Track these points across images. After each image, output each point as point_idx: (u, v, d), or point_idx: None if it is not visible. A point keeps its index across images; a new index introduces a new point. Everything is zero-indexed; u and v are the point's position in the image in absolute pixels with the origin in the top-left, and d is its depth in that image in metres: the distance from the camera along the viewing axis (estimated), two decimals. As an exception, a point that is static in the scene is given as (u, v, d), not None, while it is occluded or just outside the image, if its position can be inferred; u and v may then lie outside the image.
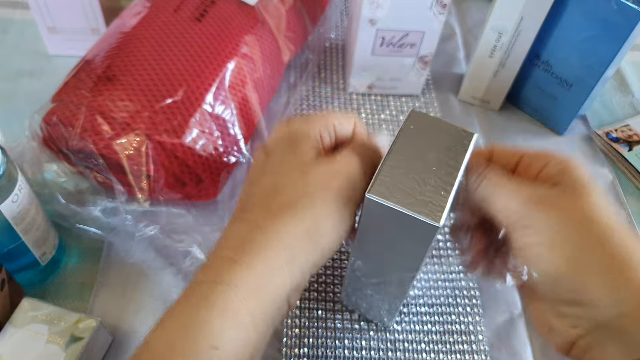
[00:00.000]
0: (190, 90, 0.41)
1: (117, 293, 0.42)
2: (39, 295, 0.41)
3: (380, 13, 0.50)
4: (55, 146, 0.42)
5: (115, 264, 0.43)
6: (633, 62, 0.64)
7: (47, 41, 0.57)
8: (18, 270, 0.39)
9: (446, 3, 0.49)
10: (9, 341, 0.35)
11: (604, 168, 0.54)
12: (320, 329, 0.41)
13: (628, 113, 0.59)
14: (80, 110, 0.40)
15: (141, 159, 0.40)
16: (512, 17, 0.49)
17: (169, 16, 0.45)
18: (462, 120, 0.57)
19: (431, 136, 0.31)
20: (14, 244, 0.37)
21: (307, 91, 0.57)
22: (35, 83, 0.56)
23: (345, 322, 0.41)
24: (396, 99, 0.58)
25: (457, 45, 0.65)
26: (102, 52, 0.43)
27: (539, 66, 0.54)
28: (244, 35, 0.46)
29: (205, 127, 0.42)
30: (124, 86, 0.40)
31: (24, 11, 0.63)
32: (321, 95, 0.57)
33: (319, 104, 0.57)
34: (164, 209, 0.41)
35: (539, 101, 0.56)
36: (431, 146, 0.30)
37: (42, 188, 0.42)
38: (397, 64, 0.55)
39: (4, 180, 0.34)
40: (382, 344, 0.41)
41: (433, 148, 0.30)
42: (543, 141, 0.56)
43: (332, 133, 0.33)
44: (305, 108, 0.56)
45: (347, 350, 0.40)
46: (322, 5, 0.59)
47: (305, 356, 0.40)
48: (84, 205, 0.41)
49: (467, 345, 0.41)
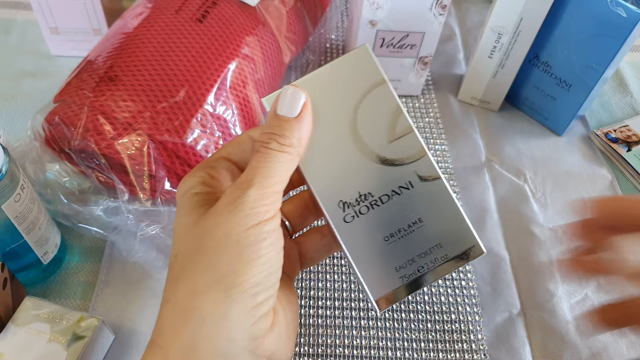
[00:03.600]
0: (191, 91, 0.42)
1: (118, 292, 0.42)
2: (41, 294, 0.41)
3: (381, 14, 0.50)
4: (57, 146, 0.42)
5: (117, 263, 0.44)
6: (632, 63, 0.64)
7: (50, 42, 0.58)
8: (20, 269, 0.40)
9: (446, 4, 0.49)
10: (12, 340, 0.35)
11: (602, 168, 0.54)
12: (320, 327, 0.41)
13: (627, 113, 0.59)
14: (82, 110, 0.40)
15: (143, 159, 0.40)
16: (512, 18, 0.50)
17: (170, 17, 0.45)
18: (462, 121, 0.57)
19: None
20: (16, 243, 0.38)
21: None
22: (37, 83, 0.56)
23: (345, 320, 0.42)
24: (396, 99, 0.58)
25: (457, 46, 0.65)
26: (104, 52, 0.44)
27: (538, 67, 0.54)
28: (245, 36, 0.47)
29: (206, 127, 0.42)
30: (126, 86, 0.41)
31: (26, 12, 0.63)
32: (322, 96, 0.58)
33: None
34: (166, 209, 0.41)
35: (538, 101, 0.56)
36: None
37: (44, 187, 0.42)
38: (397, 64, 0.55)
39: (7, 180, 0.35)
40: (382, 342, 0.41)
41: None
42: (542, 141, 0.56)
43: (228, 166, 0.29)
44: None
45: (347, 349, 0.40)
46: (322, 6, 0.59)
47: (305, 355, 0.40)
48: (86, 205, 0.42)
49: (466, 344, 0.41)
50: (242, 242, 0.25)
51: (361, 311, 0.42)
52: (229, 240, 0.25)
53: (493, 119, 0.58)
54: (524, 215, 0.49)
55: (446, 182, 0.29)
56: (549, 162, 0.54)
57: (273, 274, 0.26)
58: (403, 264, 0.29)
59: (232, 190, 0.26)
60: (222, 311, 0.25)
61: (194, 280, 0.26)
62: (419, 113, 0.57)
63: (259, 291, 0.26)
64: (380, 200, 0.29)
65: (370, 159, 0.29)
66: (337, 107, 0.29)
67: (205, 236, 0.26)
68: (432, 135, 0.55)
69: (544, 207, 0.50)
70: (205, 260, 0.26)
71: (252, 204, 0.25)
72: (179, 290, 0.26)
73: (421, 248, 0.29)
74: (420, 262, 0.29)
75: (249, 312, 0.26)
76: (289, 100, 0.27)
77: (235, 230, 0.25)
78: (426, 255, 0.29)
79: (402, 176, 0.29)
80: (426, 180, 0.29)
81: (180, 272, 0.26)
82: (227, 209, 0.26)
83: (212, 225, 0.26)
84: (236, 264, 0.25)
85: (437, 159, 0.53)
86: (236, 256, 0.25)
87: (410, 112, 0.57)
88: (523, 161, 0.54)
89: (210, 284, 0.25)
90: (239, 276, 0.25)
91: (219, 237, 0.26)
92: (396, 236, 0.29)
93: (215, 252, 0.26)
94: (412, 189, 0.29)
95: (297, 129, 0.27)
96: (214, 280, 0.25)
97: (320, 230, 0.33)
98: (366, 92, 0.29)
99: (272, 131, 0.27)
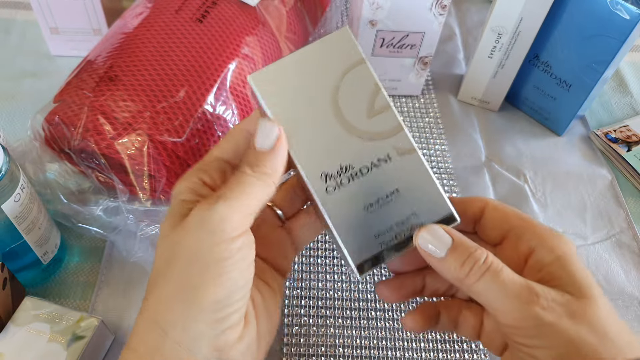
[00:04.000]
0: (191, 91, 0.42)
1: (118, 292, 0.42)
2: (40, 294, 0.41)
3: (381, 14, 0.50)
4: (57, 146, 0.42)
5: (116, 263, 0.44)
6: (632, 63, 0.64)
7: (49, 42, 0.58)
8: (20, 269, 0.40)
9: (446, 4, 0.49)
10: (11, 340, 0.35)
11: (602, 168, 0.54)
12: (320, 327, 0.41)
13: (627, 114, 0.59)
14: (82, 110, 0.40)
15: (143, 159, 0.40)
16: (512, 18, 0.50)
17: (170, 17, 0.45)
18: (461, 121, 0.57)
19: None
20: (16, 243, 0.38)
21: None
22: (37, 83, 0.56)
23: (345, 320, 0.42)
24: (396, 99, 0.58)
25: (457, 46, 0.65)
26: (104, 52, 0.44)
27: (538, 67, 0.54)
28: (245, 36, 0.47)
29: (206, 127, 0.42)
30: (126, 86, 0.41)
31: (26, 12, 0.63)
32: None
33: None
34: (166, 209, 0.41)
35: (538, 101, 0.56)
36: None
37: (44, 187, 0.42)
38: (397, 64, 0.55)
39: (6, 180, 0.35)
40: (382, 342, 0.41)
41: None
42: (542, 141, 0.56)
43: (222, 166, 0.30)
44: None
45: (347, 349, 0.40)
46: (322, 6, 0.59)
47: (305, 354, 0.40)
48: (86, 205, 0.42)
49: (466, 344, 0.41)
50: (206, 257, 0.26)
51: (361, 311, 0.42)
52: (195, 254, 0.27)
53: (493, 119, 0.58)
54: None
55: (422, 156, 0.31)
56: (549, 162, 0.54)
57: (237, 291, 0.27)
58: (382, 231, 0.31)
59: (203, 204, 0.27)
60: (182, 323, 0.26)
61: (160, 292, 0.27)
62: (418, 113, 0.57)
63: (220, 307, 0.27)
64: (361, 172, 0.31)
65: (351, 133, 0.31)
66: (320, 85, 0.31)
67: (175, 247, 0.27)
68: (432, 135, 0.55)
69: (543, 207, 0.50)
70: (171, 272, 0.27)
71: (218, 220, 0.26)
72: (149, 299, 0.28)
73: (398, 216, 0.31)
74: (396, 229, 0.31)
75: (210, 325, 0.27)
76: (265, 134, 0.29)
77: (200, 245, 0.26)
78: (403, 223, 0.31)
79: (381, 150, 0.31)
80: (403, 153, 0.31)
81: (153, 281, 0.28)
82: (195, 223, 0.27)
83: (181, 238, 0.27)
84: (198, 279, 0.26)
85: (437, 159, 0.53)
86: (199, 272, 0.26)
87: (410, 112, 0.57)
88: (523, 161, 0.54)
89: (173, 296, 0.27)
90: (199, 291, 0.26)
91: (186, 250, 0.27)
92: (375, 205, 0.31)
93: (181, 265, 0.27)
94: (390, 162, 0.31)
95: (270, 159, 0.28)
96: (176, 293, 0.27)
97: (307, 211, 0.35)
98: (347, 71, 0.31)
99: (248, 160, 0.28)
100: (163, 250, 0.28)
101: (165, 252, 0.28)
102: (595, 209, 0.50)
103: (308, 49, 0.31)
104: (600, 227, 0.49)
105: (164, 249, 0.28)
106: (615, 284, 0.45)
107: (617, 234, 0.49)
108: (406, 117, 0.57)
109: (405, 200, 0.31)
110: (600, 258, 0.47)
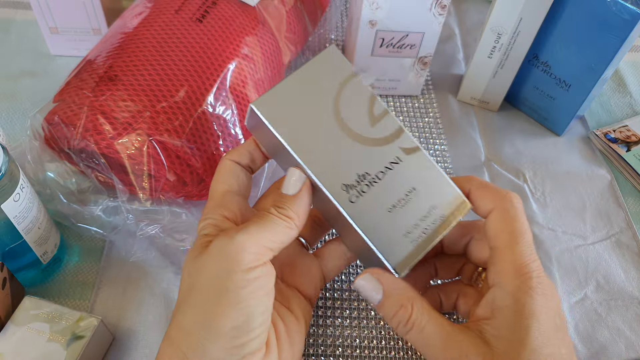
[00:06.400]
0: (191, 91, 0.42)
1: (118, 292, 0.42)
2: (40, 293, 0.41)
3: (380, 14, 0.50)
4: (57, 146, 0.42)
5: (116, 262, 0.44)
6: (632, 63, 0.65)
7: (49, 41, 0.58)
8: (19, 269, 0.40)
9: (446, 4, 0.50)
10: (11, 339, 0.35)
11: (602, 169, 0.54)
12: (320, 327, 0.41)
13: (626, 114, 0.59)
14: (82, 110, 0.40)
15: (142, 159, 0.40)
16: (511, 18, 0.50)
17: (170, 17, 0.45)
18: (461, 121, 0.57)
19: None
20: (15, 242, 0.38)
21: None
22: (37, 83, 0.56)
23: (345, 320, 0.42)
24: (396, 99, 0.58)
25: (457, 46, 0.65)
26: (103, 52, 0.44)
27: (537, 67, 0.54)
28: (244, 36, 0.47)
29: (206, 127, 0.42)
30: (126, 86, 0.41)
31: (25, 11, 0.63)
32: (321, 96, 0.58)
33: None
34: (165, 208, 0.41)
35: (538, 102, 0.56)
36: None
37: (43, 187, 0.42)
38: (396, 64, 0.55)
39: (6, 180, 0.35)
40: (382, 342, 0.41)
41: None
42: (542, 141, 0.56)
43: (238, 201, 0.32)
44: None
45: (347, 349, 0.40)
46: (322, 6, 0.59)
47: (305, 354, 0.40)
48: (86, 205, 0.42)
49: (466, 344, 0.41)
50: (223, 286, 0.28)
51: (361, 311, 0.42)
52: (213, 282, 0.28)
53: (492, 119, 0.58)
54: (524, 215, 0.49)
55: (425, 152, 0.33)
56: (549, 162, 0.54)
57: (256, 317, 0.28)
58: (409, 229, 0.32)
59: (224, 235, 0.29)
60: (201, 348, 0.27)
61: (183, 317, 0.28)
62: (418, 113, 0.57)
63: (239, 333, 0.27)
64: (377, 177, 0.32)
65: (359, 143, 0.32)
66: (320, 103, 0.32)
67: (197, 276, 0.29)
68: (432, 136, 0.55)
69: (543, 207, 0.50)
70: (192, 299, 0.28)
71: (236, 250, 0.28)
72: (173, 323, 0.29)
73: (421, 212, 0.33)
74: (422, 224, 0.32)
75: (230, 351, 0.27)
76: (292, 184, 0.31)
77: (219, 273, 0.28)
78: (426, 218, 0.33)
79: (390, 153, 0.33)
80: (410, 153, 0.33)
81: (177, 307, 0.29)
82: (216, 252, 0.28)
83: (202, 265, 0.29)
84: (216, 307, 0.27)
85: (436, 159, 0.53)
86: (218, 298, 0.28)
87: (410, 112, 0.57)
88: (522, 161, 0.54)
89: (193, 321, 0.28)
90: (217, 316, 0.27)
91: (205, 278, 0.28)
92: (397, 206, 0.32)
93: (201, 293, 0.28)
94: (401, 163, 0.33)
95: (294, 203, 0.31)
96: (197, 317, 0.28)
97: (337, 239, 0.38)
98: (342, 86, 0.33)
99: (275, 203, 0.31)
100: (186, 277, 0.30)
101: (188, 279, 0.29)
102: (595, 209, 0.51)
103: (301, 72, 0.33)
104: (599, 227, 0.49)
105: (187, 276, 0.29)
106: (615, 284, 0.46)
107: (617, 233, 0.49)
108: (406, 117, 0.57)
109: (422, 195, 0.33)
110: (599, 258, 0.47)
